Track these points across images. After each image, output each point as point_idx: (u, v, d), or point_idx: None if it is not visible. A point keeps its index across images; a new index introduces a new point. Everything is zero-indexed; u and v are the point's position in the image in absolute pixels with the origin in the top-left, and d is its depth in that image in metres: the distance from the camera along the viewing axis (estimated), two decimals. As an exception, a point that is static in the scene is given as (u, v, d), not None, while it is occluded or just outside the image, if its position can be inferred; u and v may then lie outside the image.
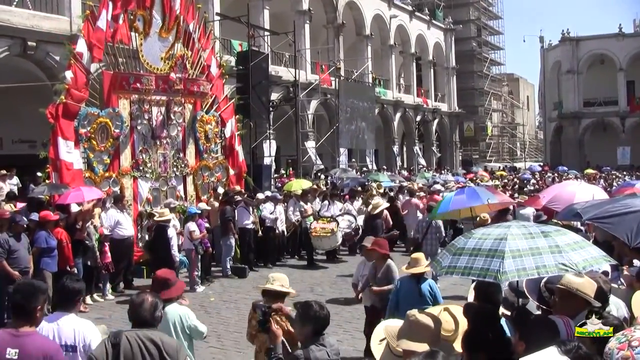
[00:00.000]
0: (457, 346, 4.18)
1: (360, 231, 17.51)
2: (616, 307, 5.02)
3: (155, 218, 13.32)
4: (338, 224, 16.45)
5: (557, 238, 4.35)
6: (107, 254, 12.72)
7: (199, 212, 14.30)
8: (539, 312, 5.04)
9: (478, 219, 11.88)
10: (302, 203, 17.39)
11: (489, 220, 11.64)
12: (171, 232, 13.04)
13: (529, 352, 3.47)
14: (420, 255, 7.97)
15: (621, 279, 6.19)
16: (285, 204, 17.54)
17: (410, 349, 4.02)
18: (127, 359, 4.19)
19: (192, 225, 13.73)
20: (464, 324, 4.38)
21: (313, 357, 4.66)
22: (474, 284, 5.30)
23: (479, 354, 3.85)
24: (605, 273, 5.47)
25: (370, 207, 15.77)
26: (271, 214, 16.43)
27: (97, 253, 12.44)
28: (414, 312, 4.39)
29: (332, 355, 4.74)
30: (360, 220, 17.63)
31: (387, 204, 17.03)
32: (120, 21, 14.52)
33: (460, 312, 4.56)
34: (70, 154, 13.32)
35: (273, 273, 6.33)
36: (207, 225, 14.52)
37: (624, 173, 39.93)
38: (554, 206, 10.74)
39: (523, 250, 4.23)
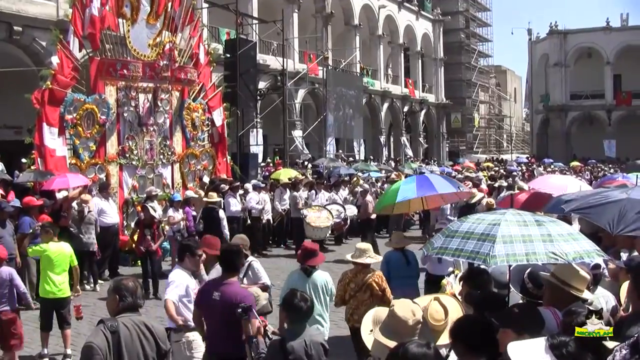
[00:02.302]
0: (446, 336, 4.15)
1: (349, 221, 17.52)
2: (605, 299, 5.06)
3: (205, 199, 14.13)
4: (331, 213, 16.43)
5: (550, 228, 4.34)
6: (93, 242, 12.64)
7: (181, 199, 14.37)
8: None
9: (486, 203, 11.98)
10: (295, 193, 17.23)
11: (495, 205, 11.69)
12: (222, 214, 14.01)
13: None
14: (399, 233, 9.61)
15: (605, 272, 6.24)
16: (272, 193, 17.45)
17: (380, 341, 4.01)
18: (128, 346, 4.10)
19: (170, 211, 13.76)
20: (453, 314, 4.37)
21: (289, 345, 4.72)
22: (460, 275, 5.30)
23: (458, 342, 3.83)
24: (597, 266, 5.50)
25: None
26: (257, 203, 16.34)
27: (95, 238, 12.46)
28: (396, 302, 4.33)
29: (311, 345, 4.77)
30: (349, 209, 17.63)
31: (483, 195, 14.69)
32: (108, 7, 14.37)
33: (450, 302, 4.55)
34: (54, 140, 13.20)
35: (359, 244, 7.51)
36: (194, 213, 14.46)
37: (610, 166, 40.18)
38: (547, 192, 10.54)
39: (515, 237, 4.23)
